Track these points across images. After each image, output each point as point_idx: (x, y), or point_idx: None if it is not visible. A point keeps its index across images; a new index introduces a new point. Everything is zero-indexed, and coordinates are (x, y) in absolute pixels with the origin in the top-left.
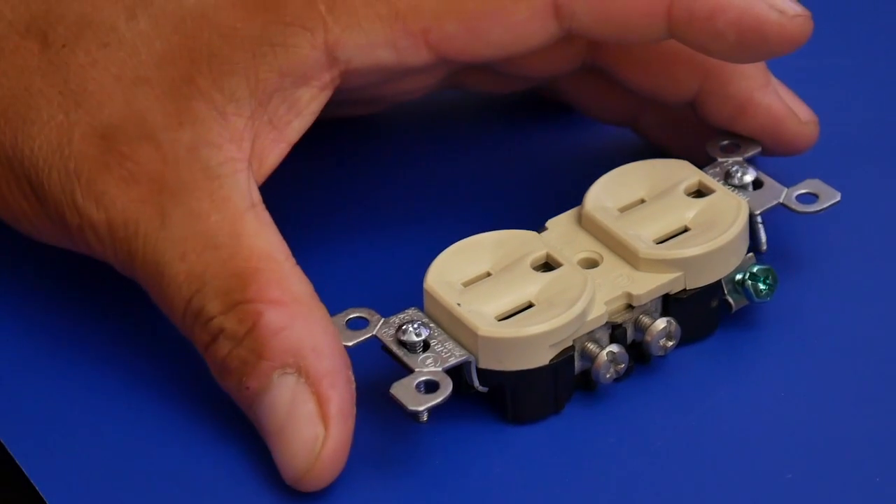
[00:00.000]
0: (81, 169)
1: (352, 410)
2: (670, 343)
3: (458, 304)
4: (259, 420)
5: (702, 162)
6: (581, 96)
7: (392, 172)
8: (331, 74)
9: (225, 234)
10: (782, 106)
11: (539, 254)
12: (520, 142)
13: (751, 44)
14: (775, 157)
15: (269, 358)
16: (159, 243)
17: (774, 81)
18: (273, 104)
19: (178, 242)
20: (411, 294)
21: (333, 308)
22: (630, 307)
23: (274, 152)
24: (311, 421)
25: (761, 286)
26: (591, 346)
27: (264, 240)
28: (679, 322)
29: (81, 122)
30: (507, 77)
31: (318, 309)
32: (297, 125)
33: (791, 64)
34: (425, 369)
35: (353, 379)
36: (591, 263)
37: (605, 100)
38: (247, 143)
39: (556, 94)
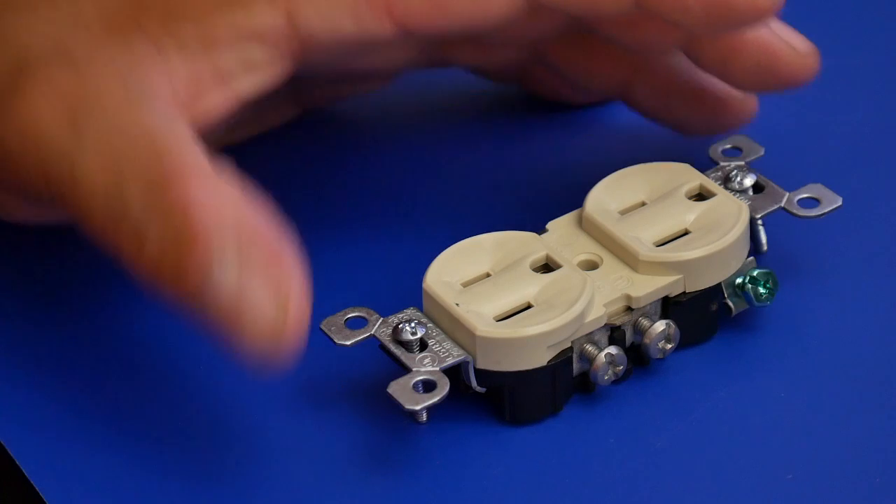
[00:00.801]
0: None
1: (303, 271)
2: (669, 346)
3: (457, 305)
4: (208, 305)
5: (694, 134)
6: (570, 66)
7: (392, 172)
8: (290, 43)
9: (144, 145)
10: (775, 39)
11: (539, 255)
12: (521, 143)
13: (722, 16)
14: (779, 93)
15: (204, 241)
16: (75, 157)
17: None
18: (223, 56)
19: (94, 156)
20: (410, 294)
21: (332, 307)
22: (629, 309)
23: (215, 100)
24: (268, 282)
25: (762, 290)
26: (589, 348)
27: (189, 152)
28: (678, 325)
29: (5, 61)
30: (491, 46)
31: (248, 201)
32: (247, 82)
33: None
34: (423, 369)
35: (295, 253)
36: (590, 265)
37: (595, 67)
38: (181, 83)
39: (547, 67)
